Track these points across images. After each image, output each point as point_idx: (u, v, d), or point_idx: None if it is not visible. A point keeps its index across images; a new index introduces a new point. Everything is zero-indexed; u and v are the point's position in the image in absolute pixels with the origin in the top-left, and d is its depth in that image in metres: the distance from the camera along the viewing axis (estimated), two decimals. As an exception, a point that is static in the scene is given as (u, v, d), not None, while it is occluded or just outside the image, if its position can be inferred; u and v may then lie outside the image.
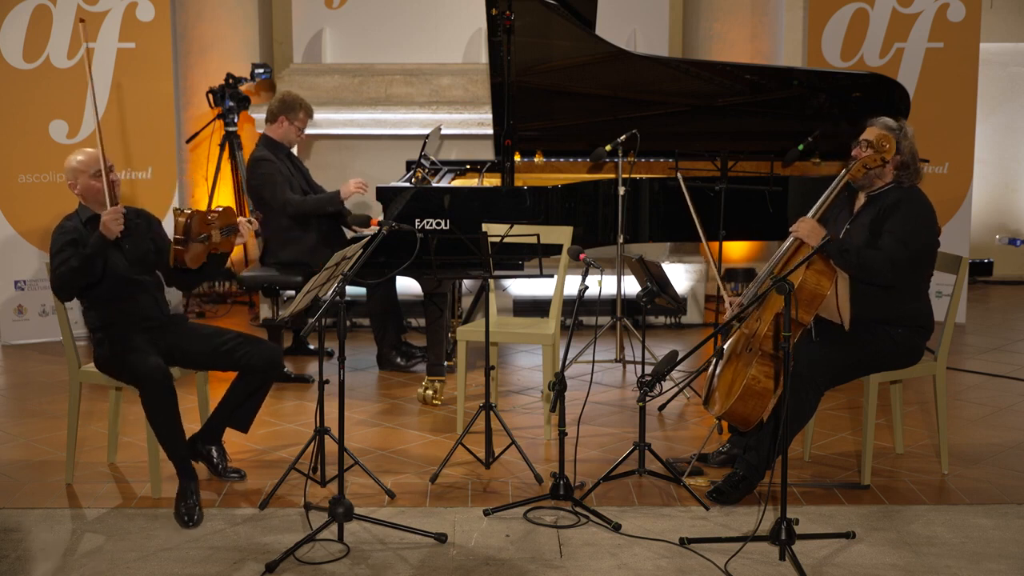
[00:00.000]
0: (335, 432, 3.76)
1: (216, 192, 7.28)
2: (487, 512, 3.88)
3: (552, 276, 4.47)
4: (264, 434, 4.78)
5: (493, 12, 5.22)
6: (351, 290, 3.95)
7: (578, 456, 4.28)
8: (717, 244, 5.40)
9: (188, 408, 4.12)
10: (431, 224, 5.03)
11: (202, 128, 7.47)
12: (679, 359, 3.87)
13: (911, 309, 4.04)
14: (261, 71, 7.27)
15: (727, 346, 4.17)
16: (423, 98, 7.45)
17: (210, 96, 7.21)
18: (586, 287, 3.88)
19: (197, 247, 4.03)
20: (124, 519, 3.86)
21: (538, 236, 4.25)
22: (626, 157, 5.43)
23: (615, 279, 5.78)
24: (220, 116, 7.24)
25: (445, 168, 5.97)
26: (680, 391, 5.23)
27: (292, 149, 5.92)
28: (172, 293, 6.17)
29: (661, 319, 6.95)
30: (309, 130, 6.16)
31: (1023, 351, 6.41)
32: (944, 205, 5.89)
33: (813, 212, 4.05)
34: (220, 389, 4.31)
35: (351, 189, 5.66)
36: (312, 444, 4.04)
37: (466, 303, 6.49)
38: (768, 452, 3.96)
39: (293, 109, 5.75)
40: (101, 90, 6.56)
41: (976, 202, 7.86)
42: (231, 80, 7.18)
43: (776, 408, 3.88)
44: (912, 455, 4.54)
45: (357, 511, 3.66)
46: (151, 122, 6.81)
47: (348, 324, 6.62)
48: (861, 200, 4.14)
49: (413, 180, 5.45)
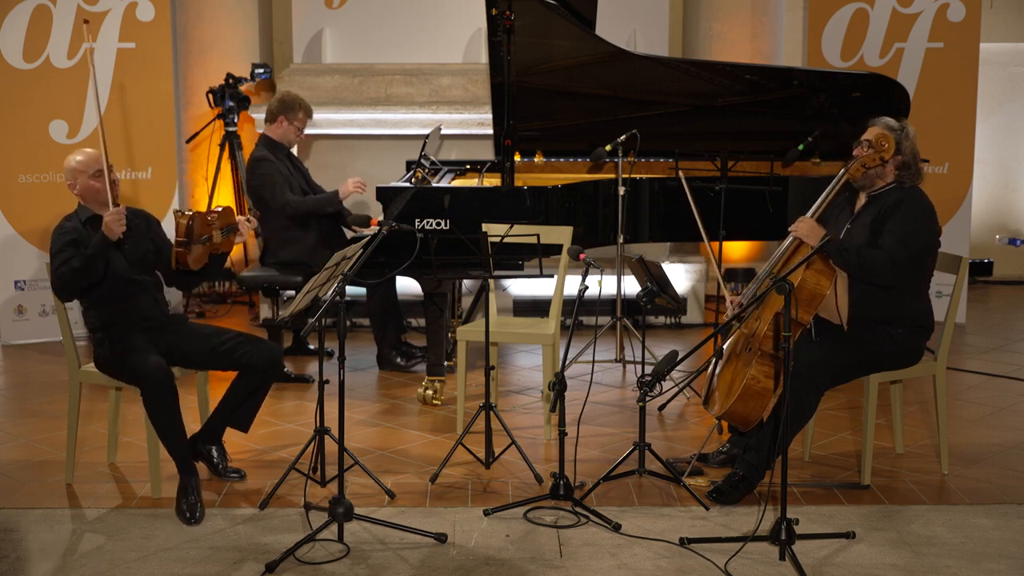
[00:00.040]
0: (335, 432, 3.76)
1: (216, 192, 7.28)
2: (487, 512, 3.88)
3: (552, 276, 4.47)
4: (264, 434, 4.78)
5: (493, 12, 5.22)
6: (351, 290, 3.95)
7: (578, 456, 4.28)
8: (717, 244, 5.40)
9: (188, 408, 4.11)
10: (431, 224, 5.03)
11: (202, 128, 7.46)
12: (679, 359, 3.87)
13: (911, 309, 4.04)
14: (261, 71, 7.27)
15: (726, 346, 4.16)
16: (423, 98, 7.45)
17: (210, 96, 7.21)
18: (586, 287, 3.88)
19: (199, 249, 4.03)
20: (124, 519, 3.86)
21: (538, 236, 4.24)
22: (626, 157, 5.43)
23: (615, 279, 5.78)
24: (220, 116, 7.24)
25: (445, 168, 5.97)
26: (680, 391, 5.23)
27: (292, 149, 5.92)
28: (172, 293, 6.17)
29: (661, 319, 6.95)
30: (309, 130, 6.16)
31: (1023, 351, 6.41)
32: (944, 205, 5.89)
33: (812, 211, 4.05)
34: (220, 389, 4.31)
35: (349, 189, 5.66)
36: (312, 444, 4.04)
37: (466, 303, 6.48)
38: (768, 452, 3.96)
39: (292, 109, 5.75)
40: (101, 90, 6.56)
41: (976, 202, 7.85)
42: (231, 80, 7.18)
43: (776, 408, 3.88)
44: (912, 455, 4.54)
45: (357, 511, 3.66)
46: (151, 122, 6.80)
47: (348, 324, 6.61)
48: (862, 200, 4.14)
49: (413, 180, 5.45)
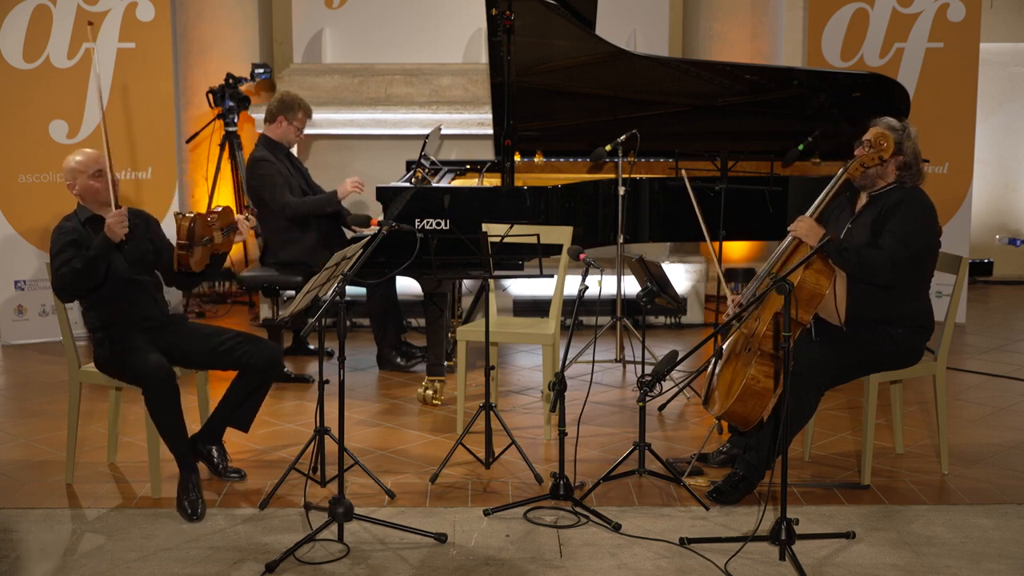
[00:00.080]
0: (335, 432, 3.76)
1: (216, 192, 7.28)
2: (487, 512, 3.88)
3: (552, 276, 4.47)
4: (264, 434, 4.78)
5: (493, 12, 5.22)
6: (351, 290, 3.95)
7: (578, 456, 4.28)
8: (717, 244, 5.40)
9: (188, 408, 4.11)
10: (431, 224, 5.03)
11: (202, 128, 7.46)
12: (679, 359, 3.87)
13: (911, 309, 4.04)
14: (261, 71, 7.27)
15: (726, 346, 4.16)
16: (423, 98, 7.45)
17: (210, 96, 7.21)
18: (586, 287, 3.88)
19: (201, 250, 4.04)
20: (124, 519, 3.86)
21: (538, 236, 4.24)
22: (626, 157, 5.43)
23: (615, 279, 5.78)
24: (220, 116, 7.24)
25: (445, 168, 5.97)
26: (680, 391, 5.23)
27: (291, 149, 5.92)
28: (172, 293, 6.17)
29: (661, 319, 6.95)
30: (309, 130, 6.15)
31: (1023, 351, 6.41)
32: (944, 205, 5.88)
33: (811, 211, 4.05)
34: (220, 389, 4.31)
35: (348, 188, 5.66)
36: (312, 444, 4.04)
37: (466, 303, 6.48)
38: (768, 452, 3.95)
39: (292, 109, 5.75)
40: (102, 91, 6.56)
41: (976, 202, 7.85)
42: (231, 80, 7.17)
43: (776, 408, 3.87)
44: (912, 455, 4.54)
45: (357, 511, 3.66)
46: (151, 122, 6.80)
47: (348, 324, 6.61)
48: (863, 200, 4.13)
49: (413, 180, 5.44)
